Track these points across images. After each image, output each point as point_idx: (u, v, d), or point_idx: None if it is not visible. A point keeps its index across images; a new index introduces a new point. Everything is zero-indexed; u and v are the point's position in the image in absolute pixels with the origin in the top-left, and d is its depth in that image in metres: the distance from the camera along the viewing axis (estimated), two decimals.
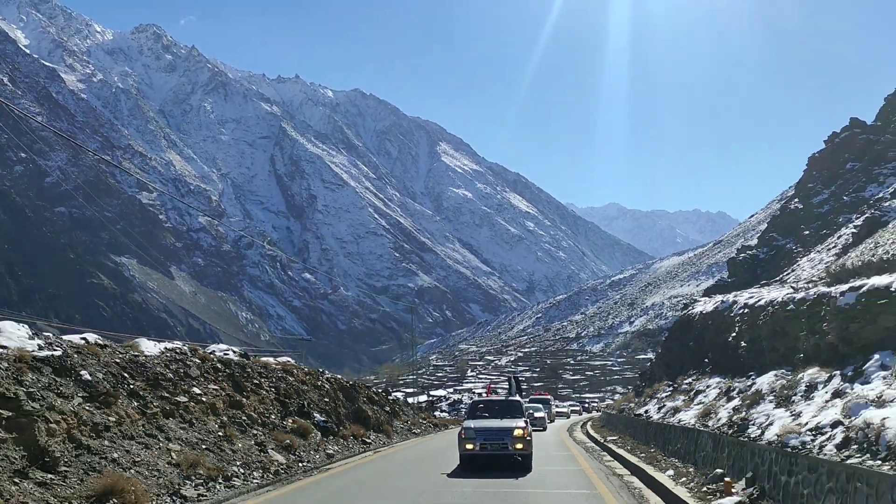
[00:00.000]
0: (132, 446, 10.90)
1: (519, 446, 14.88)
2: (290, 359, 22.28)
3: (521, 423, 15.41)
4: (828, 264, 58.93)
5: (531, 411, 25.20)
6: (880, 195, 69.50)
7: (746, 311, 15.99)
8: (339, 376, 25.50)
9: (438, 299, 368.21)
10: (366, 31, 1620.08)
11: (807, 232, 78.79)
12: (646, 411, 20.46)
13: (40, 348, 11.09)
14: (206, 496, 10.55)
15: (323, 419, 18.53)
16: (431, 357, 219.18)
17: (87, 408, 10.66)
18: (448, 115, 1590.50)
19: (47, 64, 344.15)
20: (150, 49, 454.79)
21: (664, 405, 18.92)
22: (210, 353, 16.60)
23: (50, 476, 8.90)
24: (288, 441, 15.34)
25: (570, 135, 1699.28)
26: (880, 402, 7.51)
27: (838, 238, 66.52)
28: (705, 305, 20.81)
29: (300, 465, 14.70)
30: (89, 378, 11.18)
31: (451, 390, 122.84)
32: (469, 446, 15.02)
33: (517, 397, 18.76)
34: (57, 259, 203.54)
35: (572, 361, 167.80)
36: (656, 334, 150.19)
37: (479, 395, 79.61)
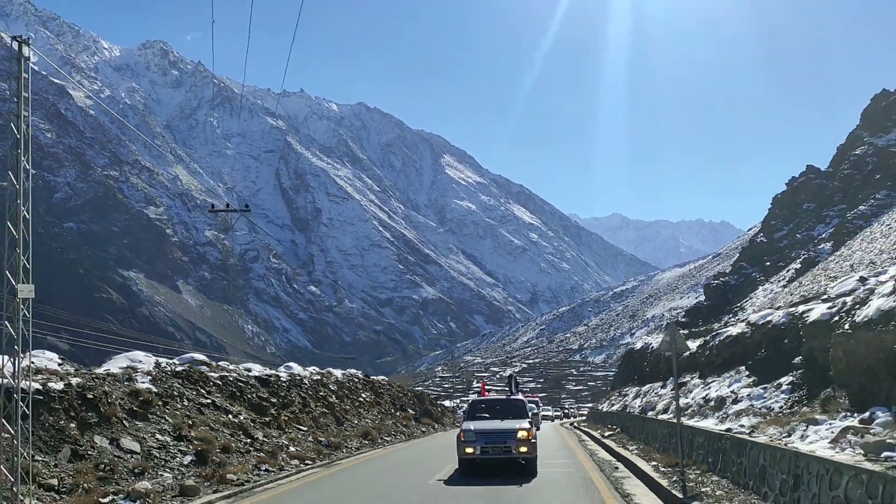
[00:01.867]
0: (356, 418, 24.26)
1: (523, 449, 13.99)
2: (384, 377, 35.57)
3: (524, 423, 14.45)
4: (776, 294, 72.12)
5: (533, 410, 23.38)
6: (822, 236, 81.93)
7: (650, 349, 29.35)
8: (418, 388, 38.80)
9: (443, 311, 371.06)
10: (370, 45, 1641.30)
11: (768, 263, 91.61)
12: (602, 408, 33.92)
13: (311, 374, 24.37)
14: (394, 441, 23.99)
15: (414, 413, 31.92)
16: (437, 368, 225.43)
17: (335, 401, 23.98)
18: (451, 127, 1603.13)
19: (56, 81, 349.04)
20: (156, 65, 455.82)
21: (612, 404, 32.32)
22: (354, 374, 29.88)
23: (344, 426, 22.22)
24: (404, 424, 28.73)
25: (573, 146, 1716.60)
26: (660, 395, 20.73)
27: (787, 272, 79.45)
28: (638, 344, 34.25)
29: (414, 435, 28.07)
30: (332, 388, 24.51)
31: (458, 401, 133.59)
32: (469, 450, 14.06)
33: (519, 396, 18.80)
34: (66, 274, 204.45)
35: (575, 372, 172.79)
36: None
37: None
